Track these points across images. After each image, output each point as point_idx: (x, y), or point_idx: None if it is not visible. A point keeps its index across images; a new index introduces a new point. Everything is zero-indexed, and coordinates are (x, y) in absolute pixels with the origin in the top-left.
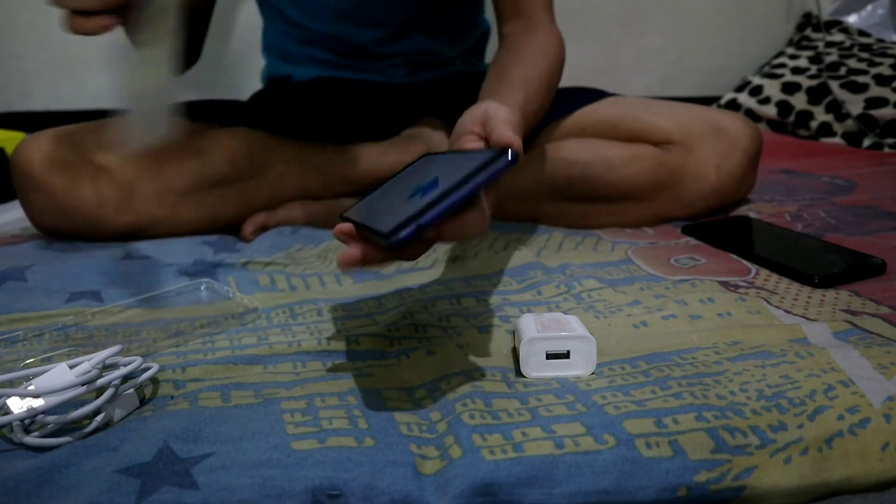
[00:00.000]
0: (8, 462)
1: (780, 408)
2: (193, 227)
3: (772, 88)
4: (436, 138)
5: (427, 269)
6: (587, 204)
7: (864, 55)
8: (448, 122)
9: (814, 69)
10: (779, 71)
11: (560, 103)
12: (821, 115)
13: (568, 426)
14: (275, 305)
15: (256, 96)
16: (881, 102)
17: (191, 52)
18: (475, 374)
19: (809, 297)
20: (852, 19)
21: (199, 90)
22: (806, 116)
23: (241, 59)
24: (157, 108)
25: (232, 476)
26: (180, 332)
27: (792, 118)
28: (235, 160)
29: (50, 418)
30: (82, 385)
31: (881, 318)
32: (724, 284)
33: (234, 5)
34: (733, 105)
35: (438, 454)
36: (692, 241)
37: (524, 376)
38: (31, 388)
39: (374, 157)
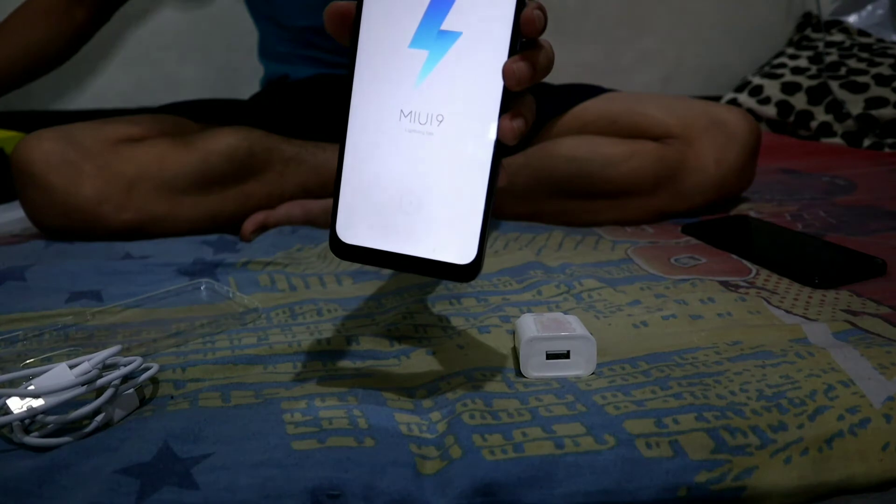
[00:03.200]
0: (8, 462)
1: (781, 408)
2: (193, 225)
3: (772, 88)
4: None
5: None
6: (587, 201)
7: (864, 55)
8: None
9: (814, 69)
10: (779, 71)
11: (558, 100)
12: (821, 115)
13: (568, 426)
14: (275, 305)
15: (256, 97)
16: (881, 102)
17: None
18: (475, 374)
19: (809, 297)
20: (852, 19)
21: (199, 91)
22: (806, 116)
23: (240, 60)
24: None
25: (232, 476)
26: (180, 332)
27: (792, 118)
28: (235, 159)
29: (50, 418)
30: (82, 385)
31: (881, 318)
32: (725, 284)
33: (234, 6)
34: (733, 105)
35: (438, 454)
36: (692, 240)
37: (524, 376)
38: (31, 388)
39: None
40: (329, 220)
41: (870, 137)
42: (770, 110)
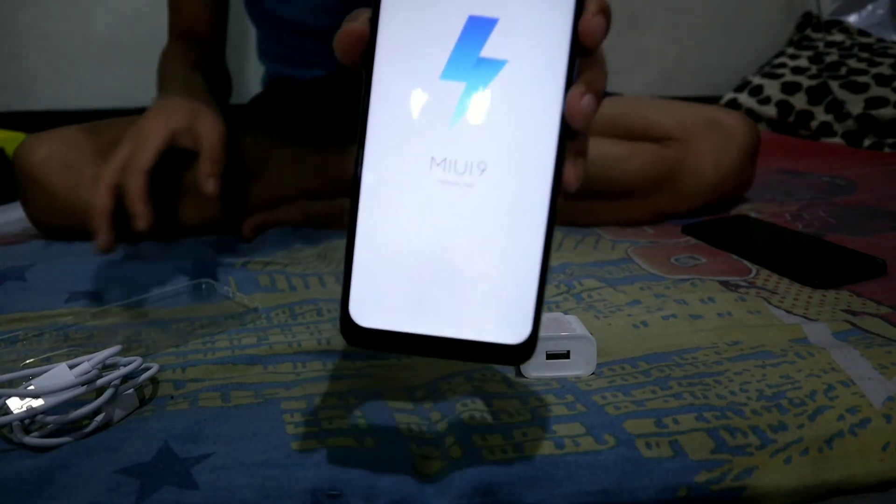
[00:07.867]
0: (8, 462)
1: (781, 408)
2: (194, 228)
3: (772, 88)
4: None
5: None
6: (587, 201)
7: (864, 55)
8: None
9: (814, 69)
10: (779, 71)
11: None
12: (821, 115)
13: (568, 426)
14: (275, 305)
15: (257, 98)
16: (881, 102)
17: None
18: (475, 374)
19: (809, 298)
20: (852, 19)
21: None
22: (806, 116)
23: (243, 60)
24: None
25: (232, 476)
26: (180, 332)
27: (792, 118)
28: (236, 161)
29: (50, 418)
30: (82, 385)
31: (881, 318)
32: (725, 284)
33: (235, 6)
34: (733, 105)
35: (438, 454)
36: (692, 240)
37: (524, 376)
38: (31, 388)
39: None
40: (327, 221)
41: (870, 137)
42: (770, 110)
